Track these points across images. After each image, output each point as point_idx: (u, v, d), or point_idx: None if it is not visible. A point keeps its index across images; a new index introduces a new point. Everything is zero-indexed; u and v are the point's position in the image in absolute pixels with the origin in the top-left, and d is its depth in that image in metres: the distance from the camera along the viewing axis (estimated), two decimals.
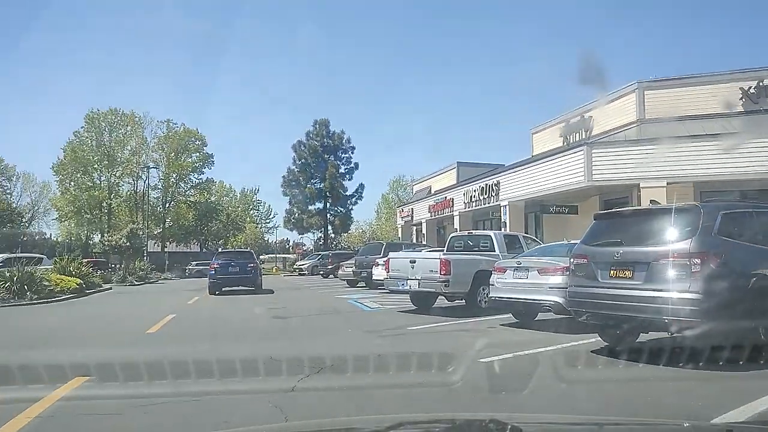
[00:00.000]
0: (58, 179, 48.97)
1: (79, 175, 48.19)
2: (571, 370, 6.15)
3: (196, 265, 38.19)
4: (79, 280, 19.07)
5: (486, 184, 24.35)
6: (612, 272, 6.49)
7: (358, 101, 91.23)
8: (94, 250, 46.11)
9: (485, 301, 11.16)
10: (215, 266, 19.71)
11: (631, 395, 5.16)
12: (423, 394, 5.12)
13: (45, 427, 4.27)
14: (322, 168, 48.19)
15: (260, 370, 5.80)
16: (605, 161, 17.90)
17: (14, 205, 49.24)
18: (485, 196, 24.31)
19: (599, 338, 7.39)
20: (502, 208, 22.88)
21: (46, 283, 16.35)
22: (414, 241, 31.82)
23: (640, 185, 17.21)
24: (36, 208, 60.40)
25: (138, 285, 27.44)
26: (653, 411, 4.51)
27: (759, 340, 5.94)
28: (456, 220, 27.57)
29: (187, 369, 5.72)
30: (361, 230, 58.63)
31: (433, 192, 34.65)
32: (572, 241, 10.08)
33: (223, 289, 19.26)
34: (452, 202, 28.03)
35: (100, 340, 8.87)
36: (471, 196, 25.65)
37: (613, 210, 8.00)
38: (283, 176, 49.43)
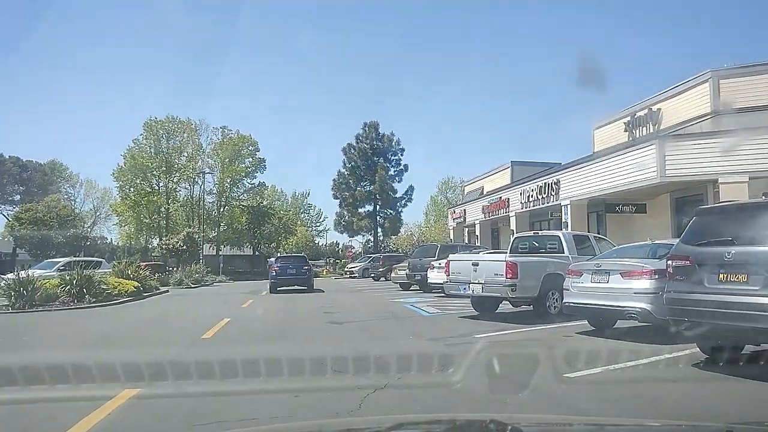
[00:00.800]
0: (118, 185, 50.70)
1: (138, 181, 49.61)
2: (674, 389, 5.36)
3: None
4: (136, 283, 19.24)
5: (545, 183, 23.24)
6: (722, 276, 5.62)
7: (406, 101, 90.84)
8: (152, 254, 47.34)
9: (555, 307, 10.40)
10: (275, 268, 22.33)
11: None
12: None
13: None
14: (371, 170, 47.94)
15: (323, 382, 5.40)
16: (679, 155, 16.62)
17: (77, 211, 51.11)
18: (544, 196, 23.19)
19: (696, 349, 6.55)
20: (562, 207, 21.73)
21: (104, 287, 16.46)
22: (467, 242, 30.92)
23: (719, 180, 15.87)
24: (98, 213, 62.98)
25: (194, 287, 27.74)
26: None
27: None
28: (512, 220, 26.52)
29: (244, 380, 5.38)
30: (409, 233, 57.98)
31: (485, 192, 33.59)
32: (657, 242, 9.18)
33: (281, 288, 21.40)
34: (508, 202, 27.00)
35: (153, 346, 8.59)
36: (528, 196, 24.57)
37: (719, 204, 7.06)
38: (333, 179, 49.65)
